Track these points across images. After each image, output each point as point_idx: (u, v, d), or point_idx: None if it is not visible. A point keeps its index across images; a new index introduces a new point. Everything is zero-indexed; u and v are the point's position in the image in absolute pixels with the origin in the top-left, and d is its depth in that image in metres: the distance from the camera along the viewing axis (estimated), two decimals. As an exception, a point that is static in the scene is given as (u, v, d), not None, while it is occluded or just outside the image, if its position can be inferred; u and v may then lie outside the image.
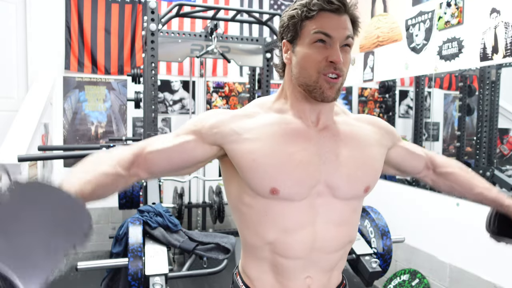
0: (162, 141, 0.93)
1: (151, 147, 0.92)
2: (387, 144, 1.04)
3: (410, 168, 1.13)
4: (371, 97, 4.61)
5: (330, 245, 0.94)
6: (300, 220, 0.90)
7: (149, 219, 1.88)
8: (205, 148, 0.92)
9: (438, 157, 1.16)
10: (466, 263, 2.66)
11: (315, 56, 0.88)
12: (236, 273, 1.05)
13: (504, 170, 2.82)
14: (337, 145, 0.94)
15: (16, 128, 3.12)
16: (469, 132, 3.25)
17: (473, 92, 3.13)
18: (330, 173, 0.91)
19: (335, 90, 0.89)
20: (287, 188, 0.87)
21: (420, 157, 1.13)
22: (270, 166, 0.87)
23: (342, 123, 0.98)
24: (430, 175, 1.16)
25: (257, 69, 3.79)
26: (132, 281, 1.59)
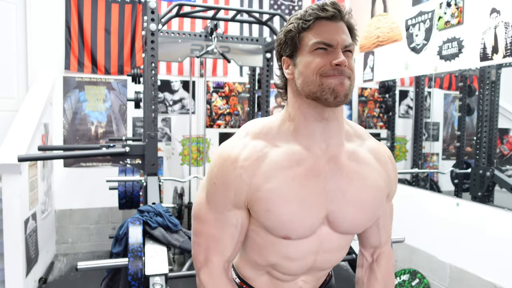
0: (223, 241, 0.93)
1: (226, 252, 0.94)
2: (387, 193, 1.01)
3: (366, 235, 1.07)
4: (371, 97, 4.61)
5: (327, 265, 1.01)
6: (304, 252, 0.94)
7: (149, 219, 1.88)
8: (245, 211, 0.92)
9: (385, 260, 1.09)
10: (466, 263, 2.66)
11: (317, 61, 0.85)
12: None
13: (504, 170, 2.82)
14: (343, 182, 0.91)
15: (16, 128, 3.12)
16: (469, 132, 3.25)
17: (473, 92, 3.13)
18: (336, 212, 0.91)
19: (345, 87, 0.84)
20: (298, 234, 0.90)
21: (379, 238, 1.07)
22: (284, 216, 0.88)
23: (352, 157, 0.93)
24: (366, 262, 1.11)
25: (257, 69, 3.79)
26: (132, 281, 1.59)
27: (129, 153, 2.59)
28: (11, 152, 2.76)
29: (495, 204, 2.67)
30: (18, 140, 2.99)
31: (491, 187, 2.75)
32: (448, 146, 3.65)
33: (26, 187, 3.00)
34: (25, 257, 2.89)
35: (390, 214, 1.09)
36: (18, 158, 2.32)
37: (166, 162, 4.29)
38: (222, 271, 0.94)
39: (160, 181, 2.66)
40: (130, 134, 4.20)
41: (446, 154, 3.66)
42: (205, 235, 0.93)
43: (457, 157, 3.39)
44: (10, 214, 2.79)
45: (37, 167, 3.31)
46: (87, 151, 2.83)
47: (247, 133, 0.93)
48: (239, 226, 0.92)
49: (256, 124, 0.95)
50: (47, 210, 3.63)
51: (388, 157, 1.01)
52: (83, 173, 4.07)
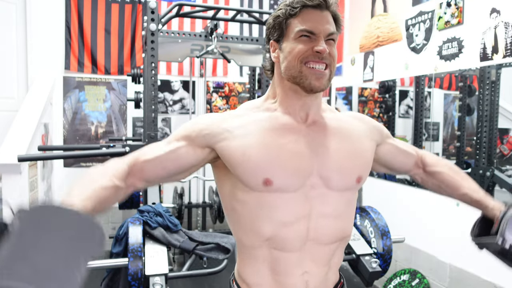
0: (155, 150, 0.96)
1: (145, 156, 0.95)
2: (375, 138, 1.06)
3: (399, 165, 1.14)
4: (371, 97, 4.61)
5: (325, 236, 0.94)
6: (295, 211, 0.91)
7: (149, 219, 1.88)
8: (197, 152, 0.94)
9: (428, 156, 1.16)
10: (466, 263, 2.66)
11: (300, 47, 0.90)
12: (233, 280, 1.04)
13: (504, 170, 2.81)
14: (326, 138, 0.96)
15: (16, 128, 3.12)
16: (469, 132, 3.25)
17: (473, 92, 3.13)
18: (322, 165, 0.93)
19: (323, 81, 0.91)
20: (280, 178, 0.89)
21: (410, 155, 1.14)
22: (262, 158, 0.89)
23: (331, 119, 1.01)
24: (420, 174, 1.16)
25: (257, 69, 3.79)
26: (132, 281, 1.59)
27: (129, 153, 2.59)
28: (11, 152, 2.75)
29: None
30: (18, 140, 2.99)
31: (491, 187, 2.74)
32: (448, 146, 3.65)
33: (26, 187, 2.99)
34: (25, 257, 2.89)
35: (401, 142, 1.15)
36: (18, 158, 2.32)
37: (166, 162, 4.28)
38: (125, 164, 0.92)
39: (160, 181, 2.65)
40: (130, 134, 4.20)
41: (446, 154, 3.65)
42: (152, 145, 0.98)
43: (457, 157, 3.39)
44: (10, 214, 2.78)
45: (37, 167, 3.31)
46: (87, 151, 2.83)
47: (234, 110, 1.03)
48: (179, 159, 0.93)
49: (242, 104, 1.05)
50: (47, 210, 3.62)
51: (361, 115, 1.11)
52: (83, 173, 4.07)
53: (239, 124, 0.93)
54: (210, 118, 0.97)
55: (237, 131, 0.92)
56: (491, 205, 1.05)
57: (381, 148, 1.08)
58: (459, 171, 1.16)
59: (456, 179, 1.13)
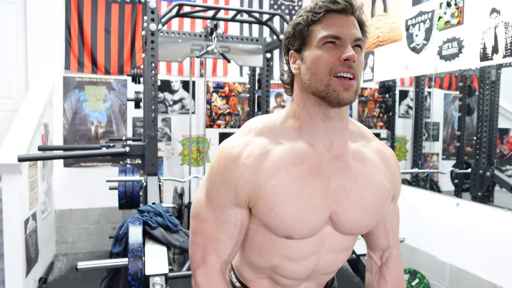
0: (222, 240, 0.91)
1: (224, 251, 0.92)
2: (393, 194, 1.00)
3: (373, 236, 1.06)
4: (371, 97, 4.61)
5: (330, 268, 0.98)
6: (306, 252, 0.92)
7: (149, 219, 1.88)
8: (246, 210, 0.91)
9: (395, 262, 1.08)
10: (466, 263, 2.66)
11: (325, 57, 0.82)
12: (229, 268, 1.05)
13: (504, 170, 2.82)
14: (347, 181, 0.89)
15: (16, 128, 3.12)
16: (469, 132, 3.25)
17: (473, 92, 3.13)
18: (339, 211, 0.89)
19: (351, 92, 0.83)
20: (302, 234, 0.88)
21: (387, 240, 1.06)
22: (288, 216, 0.85)
23: (357, 157, 0.92)
24: (374, 262, 1.10)
25: (257, 69, 3.78)
26: (132, 281, 1.59)
27: (129, 153, 2.59)
28: (11, 152, 2.75)
29: (495, 204, 2.67)
30: (18, 140, 2.99)
31: (491, 187, 2.75)
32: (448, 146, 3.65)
33: (26, 187, 2.99)
34: (25, 257, 2.89)
35: (396, 216, 1.07)
36: (18, 158, 2.32)
37: (166, 162, 4.29)
38: (219, 272, 0.92)
39: (160, 181, 2.66)
40: (130, 134, 4.19)
41: (446, 154, 3.65)
42: (204, 234, 0.92)
43: (457, 157, 3.39)
44: (10, 214, 2.79)
45: (37, 167, 3.31)
46: (87, 151, 2.83)
47: (249, 130, 0.91)
48: (238, 225, 0.90)
49: (259, 121, 0.93)
50: (47, 210, 3.63)
51: (393, 159, 1.00)
52: (83, 173, 4.07)
53: (266, 171, 0.86)
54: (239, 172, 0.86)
55: (265, 182, 0.86)
56: None
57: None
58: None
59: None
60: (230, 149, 0.88)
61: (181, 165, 4.34)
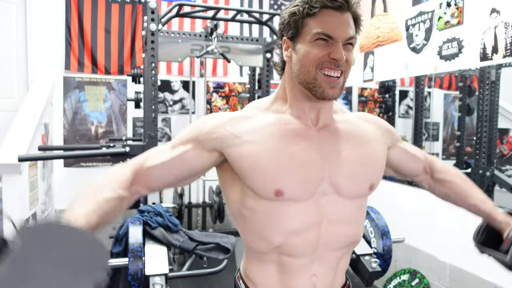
0: (160, 155, 0.91)
1: (150, 162, 0.91)
2: (387, 142, 1.03)
3: (407, 170, 1.11)
4: (371, 97, 4.61)
5: (336, 242, 0.93)
6: (306, 220, 0.88)
7: (149, 219, 1.88)
8: (205, 156, 0.90)
9: (437, 163, 1.14)
10: (466, 263, 2.66)
11: (315, 52, 0.85)
12: (238, 277, 1.03)
13: (504, 170, 2.82)
14: (338, 143, 0.92)
15: (16, 128, 3.12)
16: (469, 132, 3.25)
17: (473, 92, 3.13)
18: (334, 172, 0.89)
19: (337, 90, 0.87)
20: (291, 189, 0.86)
21: (419, 160, 1.12)
22: (272, 167, 0.85)
23: (342, 121, 0.97)
24: (428, 180, 1.15)
25: (257, 69, 3.79)
26: (132, 281, 1.59)
27: (129, 153, 2.59)
28: (11, 152, 2.75)
29: (495, 204, 2.67)
30: (18, 140, 2.99)
31: (491, 187, 2.75)
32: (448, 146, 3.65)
33: (26, 187, 2.99)
34: (25, 257, 2.89)
35: (411, 146, 1.13)
36: (18, 158, 2.32)
37: (166, 162, 4.28)
38: (130, 168, 0.89)
39: (160, 181, 2.65)
40: (130, 134, 4.20)
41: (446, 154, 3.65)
42: (153, 150, 0.95)
43: (457, 157, 3.39)
44: (10, 214, 2.78)
45: (37, 167, 3.31)
46: (87, 151, 2.83)
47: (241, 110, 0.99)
48: (186, 164, 0.90)
49: (250, 103, 1.01)
50: (47, 210, 3.63)
51: (373, 116, 1.06)
52: (83, 173, 4.07)
53: (248, 129, 0.89)
54: (218, 120, 0.91)
55: (246, 136, 0.88)
56: (499, 218, 1.09)
57: (390, 152, 1.05)
58: (467, 180, 1.15)
59: (464, 189, 1.13)
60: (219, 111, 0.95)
61: (181, 165, 4.33)
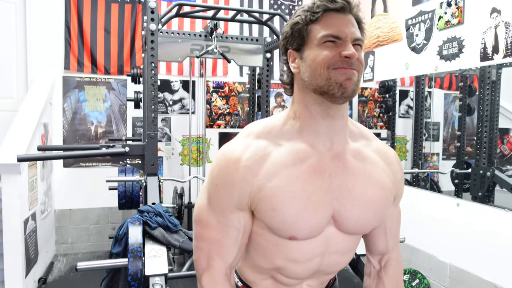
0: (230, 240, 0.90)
1: (229, 255, 0.92)
2: (395, 194, 0.99)
3: (372, 240, 1.05)
4: (371, 97, 4.61)
5: (333, 269, 0.98)
6: (310, 254, 0.91)
7: (149, 219, 1.88)
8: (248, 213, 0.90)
9: (394, 266, 1.08)
10: (467, 263, 2.66)
11: (324, 54, 0.82)
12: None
13: (505, 170, 2.81)
14: (349, 179, 0.89)
15: (16, 128, 3.12)
16: (470, 132, 3.25)
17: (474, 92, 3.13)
18: (341, 211, 0.89)
19: (353, 82, 0.82)
20: (305, 234, 0.87)
21: (387, 243, 1.05)
22: (290, 216, 0.85)
23: (357, 156, 0.92)
24: (373, 266, 1.09)
25: (257, 69, 3.78)
26: (132, 281, 1.59)
27: (129, 153, 2.58)
28: (11, 152, 2.75)
29: (495, 204, 2.67)
30: (18, 140, 2.99)
31: (491, 187, 2.74)
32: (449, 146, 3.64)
33: (26, 187, 2.99)
34: (25, 257, 2.89)
35: (397, 219, 1.07)
36: (17, 158, 2.32)
37: (166, 162, 4.28)
38: (224, 276, 0.92)
39: (160, 181, 2.65)
40: (130, 134, 4.19)
41: (447, 154, 3.65)
42: (207, 239, 0.91)
43: (457, 157, 3.39)
44: (9, 214, 2.78)
45: (37, 167, 3.31)
46: (86, 151, 2.82)
47: (248, 133, 0.91)
48: (242, 228, 0.90)
49: (258, 124, 0.93)
50: (46, 210, 3.63)
51: (394, 158, 0.99)
52: (82, 173, 4.07)
53: (267, 173, 0.86)
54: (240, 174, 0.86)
55: (266, 183, 0.85)
56: None
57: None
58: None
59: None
60: (230, 152, 0.88)
61: (181, 165, 4.33)
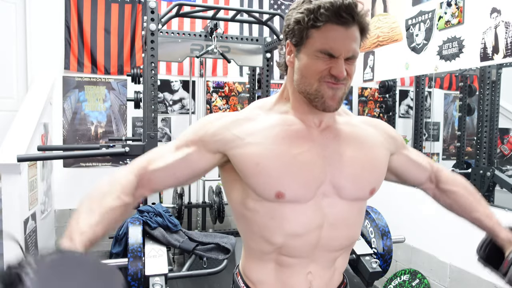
0: (164, 157, 0.91)
1: (153, 165, 0.91)
2: (390, 148, 1.02)
3: (412, 178, 1.10)
4: (371, 97, 4.61)
5: (334, 244, 0.94)
6: (308, 223, 0.89)
7: (149, 219, 1.88)
8: (208, 157, 0.91)
9: (444, 172, 1.13)
10: (467, 263, 2.66)
11: (317, 66, 0.85)
12: (237, 273, 1.04)
13: (505, 170, 2.81)
14: (340, 146, 0.92)
15: (16, 128, 3.12)
16: (470, 132, 3.25)
17: (474, 92, 3.13)
18: (335, 174, 0.90)
19: (337, 99, 0.87)
20: (293, 191, 0.86)
21: (424, 169, 1.10)
22: (274, 169, 0.85)
23: (344, 124, 0.97)
24: (433, 189, 1.13)
25: (257, 69, 3.78)
26: (132, 281, 1.59)
27: (129, 153, 2.58)
28: (11, 152, 2.75)
29: (495, 204, 2.67)
30: (18, 140, 2.99)
31: (491, 187, 2.74)
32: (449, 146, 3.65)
33: (26, 187, 2.99)
34: (25, 257, 2.89)
35: (416, 152, 1.12)
36: (17, 158, 2.32)
37: (166, 162, 4.28)
38: (133, 176, 0.89)
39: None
40: (130, 134, 4.19)
41: (447, 154, 3.65)
42: (157, 150, 0.95)
43: (457, 157, 3.39)
44: (9, 214, 2.78)
45: (37, 167, 3.31)
46: (86, 151, 2.82)
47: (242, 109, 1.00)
48: (191, 166, 0.91)
49: (253, 103, 1.01)
50: (46, 210, 3.62)
51: (380, 122, 1.05)
52: (82, 173, 4.06)
53: (251, 130, 0.89)
54: (221, 121, 0.91)
55: (249, 138, 0.88)
56: (502, 234, 1.08)
57: (394, 159, 1.04)
58: (474, 192, 1.13)
59: (470, 201, 1.11)
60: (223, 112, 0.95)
61: (181, 165, 4.33)
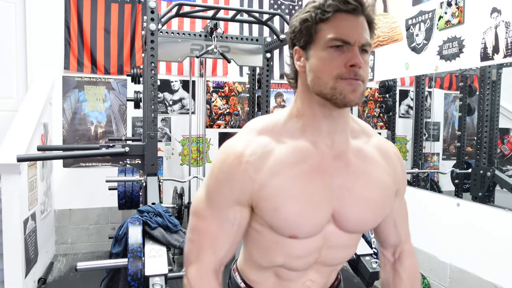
0: (224, 236, 0.90)
1: (221, 251, 0.90)
2: (397, 190, 0.99)
3: (382, 232, 1.06)
4: (371, 97, 4.60)
5: (333, 261, 0.97)
6: (310, 249, 0.91)
7: (149, 219, 1.88)
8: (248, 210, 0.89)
9: (409, 257, 1.07)
10: (467, 263, 2.66)
11: (330, 61, 0.81)
12: (234, 269, 1.05)
13: (505, 170, 2.81)
14: (350, 178, 0.89)
15: (16, 128, 3.12)
16: (470, 132, 3.25)
17: (474, 92, 3.13)
18: (341, 211, 0.89)
19: (358, 94, 0.81)
20: (305, 233, 0.87)
21: (397, 236, 1.06)
22: (292, 214, 0.85)
23: (357, 152, 0.92)
24: (388, 260, 1.10)
25: (257, 69, 3.78)
26: (132, 281, 1.59)
27: (128, 153, 2.58)
28: (11, 152, 2.75)
29: (495, 204, 2.67)
30: (18, 140, 2.99)
31: (491, 187, 2.74)
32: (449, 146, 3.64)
33: (26, 187, 2.99)
34: (24, 258, 2.89)
35: (404, 211, 1.07)
36: (17, 158, 2.32)
37: (166, 162, 4.28)
38: (213, 271, 0.90)
39: (160, 181, 2.65)
40: (130, 134, 4.19)
41: (447, 154, 3.65)
42: (201, 231, 0.90)
43: (457, 157, 3.39)
44: (9, 215, 2.78)
45: (37, 167, 3.30)
46: (86, 151, 2.82)
47: (251, 129, 0.90)
48: (236, 224, 0.89)
49: (260, 121, 0.92)
50: (46, 210, 3.62)
51: (394, 153, 0.99)
52: (82, 173, 4.06)
53: (269, 169, 0.85)
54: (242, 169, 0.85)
55: (268, 179, 0.85)
56: None
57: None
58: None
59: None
60: (232, 147, 0.87)
61: (181, 165, 4.33)
